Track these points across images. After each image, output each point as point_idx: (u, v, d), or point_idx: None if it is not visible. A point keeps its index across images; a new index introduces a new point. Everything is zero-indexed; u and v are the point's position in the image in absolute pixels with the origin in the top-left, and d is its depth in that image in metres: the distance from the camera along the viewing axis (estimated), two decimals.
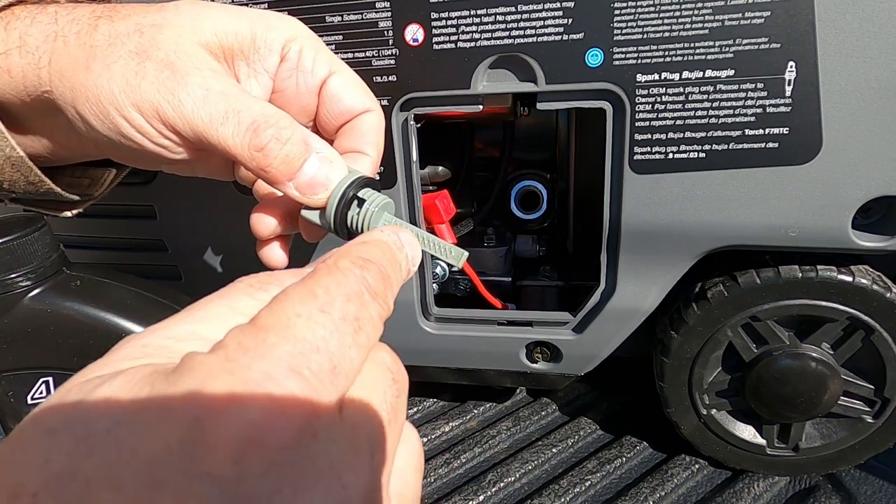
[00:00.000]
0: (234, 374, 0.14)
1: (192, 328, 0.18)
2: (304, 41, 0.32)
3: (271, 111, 0.28)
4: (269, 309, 0.17)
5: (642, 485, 0.55)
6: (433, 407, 0.69)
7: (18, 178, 0.32)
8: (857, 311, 0.47)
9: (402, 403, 0.20)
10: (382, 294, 0.19)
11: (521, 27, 0.43)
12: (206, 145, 0.28)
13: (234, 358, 0.15)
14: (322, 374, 0.16)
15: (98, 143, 0.30)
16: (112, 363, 0.17)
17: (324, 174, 0.28)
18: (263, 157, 0.27)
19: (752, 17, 0.40)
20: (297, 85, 0.32)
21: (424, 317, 0.58)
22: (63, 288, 0.42)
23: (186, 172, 0.35)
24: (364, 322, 0.18)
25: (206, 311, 0.19)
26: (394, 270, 0.21)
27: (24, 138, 0.32)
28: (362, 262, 0.19)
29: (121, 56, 0.27)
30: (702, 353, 0.51)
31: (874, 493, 0.53)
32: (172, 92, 0.27)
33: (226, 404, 0.14)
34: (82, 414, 0.14)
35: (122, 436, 0.14)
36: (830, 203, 0.43)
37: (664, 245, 0.48)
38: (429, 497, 0.57)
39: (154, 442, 0.14)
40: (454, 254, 0.29)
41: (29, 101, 0.30)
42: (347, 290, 0.18)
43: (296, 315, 0.16)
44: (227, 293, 0.20)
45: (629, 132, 0.44)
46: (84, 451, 0.14)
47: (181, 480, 0.13)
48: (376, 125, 0.33)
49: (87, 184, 0.38)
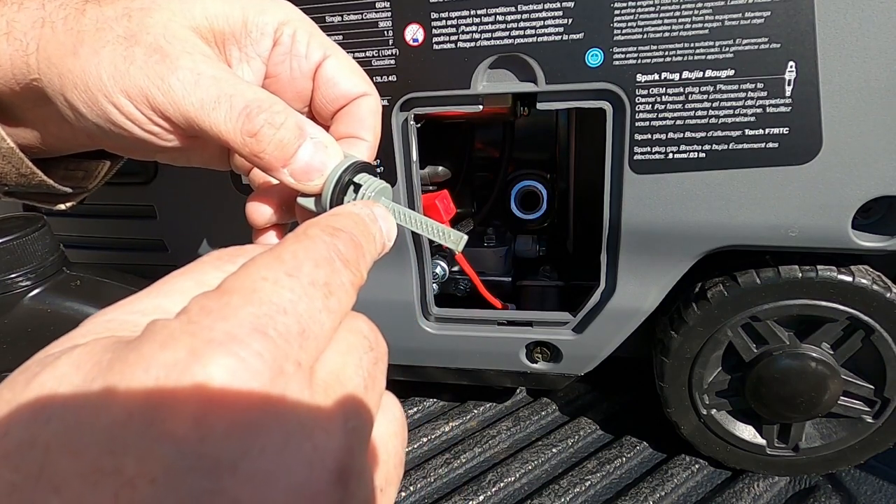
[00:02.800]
0: (195, 335, 0.14)
1: (157, 302, 0.18)
2: (298, 24, 0.31)
3: (264, 96, 0.27)
4: (235, 275, 0.16)
5: (642, 485, 0.55)
6: (433, 407, 0.69)
7: (10, 171, 0.31)
8: (857, 311, 0.47)
9: (380, 371, 0.19)
10: (354, 262, 0.19)
11: (521, 27, 0.43)
12: (197, 132, 0.28)
13: (197, 320, 0.15)
14: (289, 335, 0.15)
15: (89, 133, 0.30)
16: (74, 338, 0.16)
17: (319, 160, 0.27)
18: (256, 142, 0.26)
19: (752, 17, 0.40)
20: (291, 70, 0.32)
21: (424, 317, 0.57)
22: (63, 288, 0.42)
23: (181, 162, 0.35)
24: (335, 287, 0.17)
25: (172, 286, 0.18)
26: (367, 241, 0.20)
27: (15, 129, 0.32)
28: (332, 230, 0.19)
29: (109, 41, 0.27)
30: (702, 353, 0.51)
31: (874, 493, 0.53)
32: (162, 77, 0.26)
33: (187, 363, 0.14)
34: (41, 386, 0.14)
35: (81, 404, 0.13)
36: (830, 203, 0.43)
37: (664, 245, 0.48)
38: (429, 497, 0.57)
39: (115, 408, 0.13)
40: (453, 238, 0.29)
41: (19, 91, 0.29)
42: (316, 255, 0.18)
43: (261, 279, 0.16)
44: (194, 267, 0.19)
45: (629, 132, 0.44)
46: (43, 419, 0.13)
47: (143, 443, 0.13)
48: (373, 109, 0.32)
49: (81, 176, 0.38)
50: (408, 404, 0.70)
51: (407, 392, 0.70)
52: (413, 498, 0.57)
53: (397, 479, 0.20)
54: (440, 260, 0.61)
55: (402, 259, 0.54)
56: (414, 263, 0.55)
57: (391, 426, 0.20)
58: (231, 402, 0.14)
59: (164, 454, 0.13)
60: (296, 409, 0.15)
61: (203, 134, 0.27)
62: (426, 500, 0.56)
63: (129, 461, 0.13)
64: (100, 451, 0.13)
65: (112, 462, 0.13)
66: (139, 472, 0.13)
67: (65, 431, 0.13)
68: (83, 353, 0.15)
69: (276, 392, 0.14)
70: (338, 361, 0.17)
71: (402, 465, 0.20)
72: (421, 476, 0.59)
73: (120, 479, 0.13)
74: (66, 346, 0.16)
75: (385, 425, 0.20)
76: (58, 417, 0.13)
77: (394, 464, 0.19)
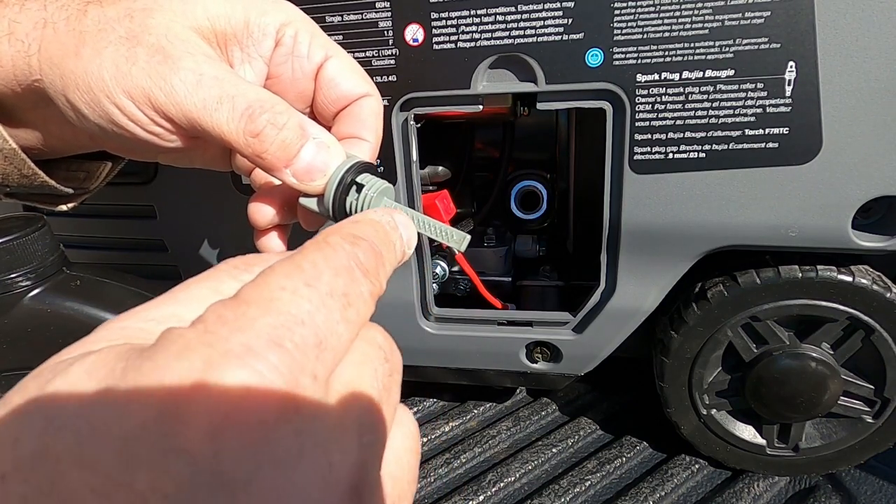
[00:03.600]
0: (212, 346, 0.14)
1: (172, 310, 0.18)
2: (300, 25, 0.31)
3: (266, 96, 0.27)
4: (253, 283, 0.16)
5: (642, 485, 0.55)
6: (433, 407, 0.69)
7: (12, 171, 0.31)
8: (857, 311, 0.47)
9: (395, 383, 0.19)
10: (374, 271, 0.18)
11: (521, 27, 0.43)
12: (199, 132, 0.28)
13: (213, 330, 0.14)
14: (306, 347, 0.15)
15: (91, 134, 0.30)
16: (87, 345, 0.16)
17: (321, 160, 0.27)
18: (259, 143, 0.26)
19: (752, 17, 0.40)
20: (293, 70, 0.32)
21: (424, 317, 0.58)
22: (63, 288, 0.42)
23: (183, 163, 0.35)
24: (354, 298, 0.17)
25: (188, 294, 0.18)
26: (387, 249, 0.20)
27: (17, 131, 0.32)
28: (353, 239, 0.19)
29: (111, 41, 0.27)
30: (702, 353, 0.51)
31: (874, 493, 0.53)
32: (164, 77, 0.26)
33: (202, 378, 0.13)
34: (53, 393, 0.14)
35: (94, 413, 0.13)
36: (830, 203, 0.43)
37: (664, 245, 0.48)
38: (429, 497, 0.57)
39: (128, 418, 0.13)
40: (456, 237, 0.29)
41: (21, 92, 0.29)
42: (336, 264, 0.17)
43: (279, 288, 0.15)
44: (210, 275, 0.19)
45: (629, 132, 0.44)
46: (54, 430, 0.13)
47: (156, 458, 0.13)
48: (375, 110, 0.32)
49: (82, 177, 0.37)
50: (408, 404, 0.70)
51: (407, 392, 0.70)
52: (413, 498, 0.57)
53: (410, 494, 0.19)
54: (440, 260, 0.61)
55: None
56: (414, 263, 0.55)
57: (406, 441, 0.20)
58: (246, 415, 0.13)
59: (178, 469, 0.13)
60: (311, 424, 0.14)
61: (205, 134, 0.27)
62: (426, 500, 0.56)
63: (141, 475, 0.12)
64: (111, 464, 0.13)
65: (124, 476, 0.12)
66: (151, 486, 0.12)
67: (76, 442, 0.13)
68: (97, 360, 0.14)
69: (292, 408, 0.14)
70: (353, 373, 0.17)
71: (415, 482, 0.20)
72: (421, 476, 0.59)
73: (132, 493, 0.12)
74: (79, 352, 0.15)
75: (400, 440, 0.19)
76: (70, 427, 0.13)
77: (408, 480, 0.19)
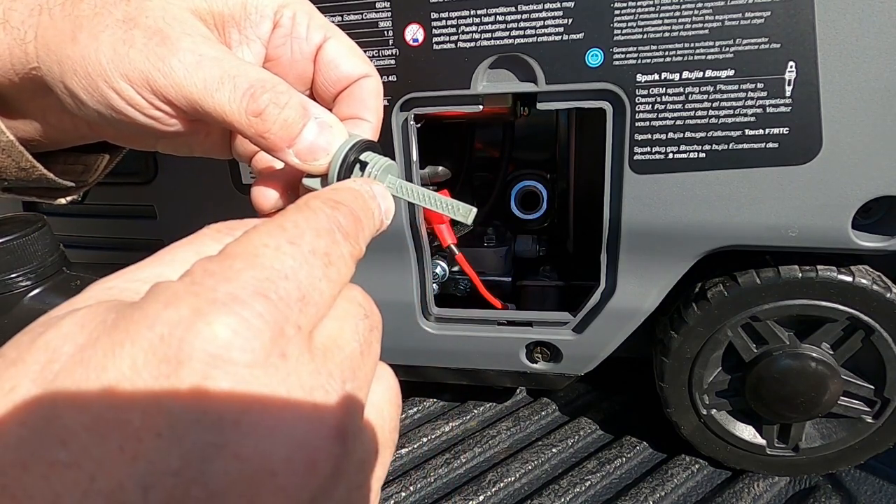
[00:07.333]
0: (199, 295, 0.14)
1: (159, 271, 0.18)
2: (297, 6, 0.31)
3: (268, 76, 0.27)
4: (238, 241, 0.17)
5: (642, 485, 0.55)
6: (433, 407, 0.69)
7: (10, 164, 0.31)
8: (857, 312, 0.47)
9: (375, 339, 0.20)
10: (354, 235, 0.19)
11: (521, 27, 0.43)
12: (200, 114, 0.27)
13: (200, 281, 0.15)
14: (290, 300, 0.16)
15: (90, 121, 0.30)
16: (76, 303, 0.17)
17: (324, 139, 0.27)
18: (261, 122, 0.26)
19: (752, 17, 0.40)
20: (292, 52, 0.32)
21: (424, 317, 0.57)
22: (63, 288, 0.42)
23: (182, 151, 0.35)
24: (335, 258, 0.18)
25: (173, 255, 0.19)
26: (365, 216, 0.21)
27: (15, 122, 0.32)
28: (333, 203, 0.20)
29: (108, 25, 0.26)
30: (702, 353, 0.51)
31: (874, 493, 0.53)
32: (163, 59, 0.26)
33: (191, 321, 0.14)
34: (46, 343, 0.14)
35: (87, 356, 0.14)
36: (830, 203, 0.43)
37: (664, 245, 0.48)
38: (429, 497, 0.57)
39: (119, 362, 0.14)
40: (462, 210, 0.28)
41: (18, 81, 0.29)
42: (317, 225, 0.18)
43: (263, 245, 0.16)
44: (193, 239, 0.20)
45: (629, 132, 0.44)
46: (49, 374, 0.14)
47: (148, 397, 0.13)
48: (375, 90, 0.32)
49: (80, 170, 0.37)
50: (408, 404, 0.70)
51: (407, 392, 0.70)
52: (413, 498, 0.57)
53: (392, 443, 0.20)
54: (440, 260, 0.61)
55: (402, 259, 0.54)
56: (414, 264, 0.55)
57: (386, 393, 0.20)
58: (234, 357, 0.14)
59: (169, 408, 0.13)
60: (296, 368, 0.15)
61: (206, 116, 0.27)
62: (426, 500, 0.56)
63: (134, 415, 0.13)
64: (106, 405, 0.13)
65: (118, 415, 0.13)
66: (144, 425, 0.13)
67: (71, 386, 0.13)
68: (87, 313, 0.15)
69: (277, 352, 0.15)
70: (335, 327, 0.18)
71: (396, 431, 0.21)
72: (421, 476, 0.59)
73: (126, 431, 0.13)
74: (68, 309, 0.16)
75: (380, 393, 0.20)
76: (64, 373, 0.14)
77: (389, 428, 0.20)
